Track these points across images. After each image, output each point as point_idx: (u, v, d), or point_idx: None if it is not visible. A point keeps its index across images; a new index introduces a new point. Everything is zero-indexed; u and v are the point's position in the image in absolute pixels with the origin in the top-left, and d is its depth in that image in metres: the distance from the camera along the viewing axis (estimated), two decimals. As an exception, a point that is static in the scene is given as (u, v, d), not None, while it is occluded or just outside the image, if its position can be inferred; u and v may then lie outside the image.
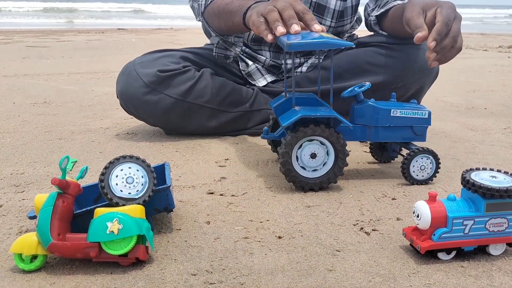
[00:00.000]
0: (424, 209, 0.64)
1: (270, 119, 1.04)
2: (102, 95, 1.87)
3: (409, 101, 0.98)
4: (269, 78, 1.35)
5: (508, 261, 0.65)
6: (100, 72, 2.51)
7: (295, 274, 0.61)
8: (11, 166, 1.03)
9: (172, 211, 0.74)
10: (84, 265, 0.63)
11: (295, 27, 0.85)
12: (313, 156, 0.87)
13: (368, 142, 1.06)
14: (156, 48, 1.36)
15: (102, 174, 0.65)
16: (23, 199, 0.85)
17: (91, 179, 0.94)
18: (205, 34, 1.31)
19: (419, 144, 1.02)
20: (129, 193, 0.66)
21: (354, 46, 0.85)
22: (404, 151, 1.05)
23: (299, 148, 0.87)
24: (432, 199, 0.64)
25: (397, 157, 1.07)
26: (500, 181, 0.63)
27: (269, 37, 0.88)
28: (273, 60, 1.34)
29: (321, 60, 1.34)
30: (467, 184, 0.64)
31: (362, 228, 0.74)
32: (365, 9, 1.28)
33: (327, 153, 0.88)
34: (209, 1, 1.18)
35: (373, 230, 0.74)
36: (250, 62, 1.35)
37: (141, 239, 0.63)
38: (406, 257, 0.66)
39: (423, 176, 0.93)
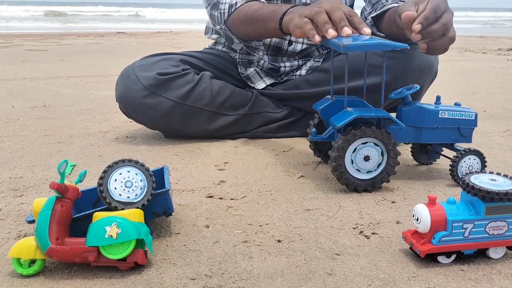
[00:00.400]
0: (423, 213, 0.63)
1: (315, 118, 1.05)
2: (102, 98, 1.87)
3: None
4: (268, 81, 1.35)
5: (508, 264, 0.65)
6: (99, 75, 2.51)
7: (295, 278, 0.61)
8: (10, 170, 1.03)
9: (171, 215, 0.73)
10: (83, 269, 0.63)
11: (347, 30, 0.85)
12: (367, 158, 0.88)
13: (410, 144, 1.07)
14: (156, 52, 1.36)
15: (101, 178, 0.65)
16: (21, 203, 0.84)
17: (90, 182, 0.94)
18: (225, 40, 1.33)
19: (464, 145, 1.03)
20: (128, 197, 0.66)
21: (408, 47, 0.85)
22: (447, 152, 1.05)
23: (353, 151, 0.88)
24: (431, 202, 0.64)
25: (438, 158, 1.07)
26: (499, 184, 0.63)
27: (317, 38, 0.87)
28: (271, 64, 1.34)
29: (320, 63, 1.33)
30: (467, 187, 0.64)
31: (361, 232, 0.74)
32: (362, 13, 1.28)
33: (381, 154, 0.89)
34: (233, 9, 1.18)
35: (372, 233, 0.74)
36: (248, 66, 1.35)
37: (140, 243, 0.63)
38: (406, 260, 0.66)
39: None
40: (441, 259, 0.65)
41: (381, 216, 0.80)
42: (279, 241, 0.71)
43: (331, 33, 0.86)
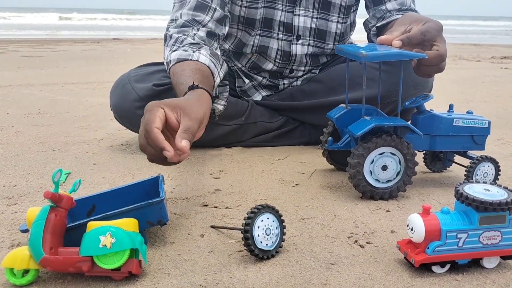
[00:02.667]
0: (418, 222, 0.64)
1: (329, 126, 1.05)
2: (97, 105, 1.87)
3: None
4: (264, 93, 1.35)
5: (502, 274, 0.65)
6: (94, 82, 2.50)
7: (289, 288, 0.61)
8: (4, 178, 1.02)
9: (166, 224, 0.73)
10: (76, 279, 0.62)
11: (169, 154, 0.71)
12: (384, 168, 0.89)
13: (423, 152, 1.08)
14: (151, 58, 1.36)
15: (247, 224, 0.66)
16: (15, 212, 0.84)
17: (85, 191, 0.94)
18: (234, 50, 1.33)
19: (477, 152, 1.04)
20: (267, 245, 0.68)
21: (426, 57, 0.86)
22: (460, 159, 1.06)
23: (371, 162, 0.88)
24: (426, 212, 0.64)
25: (450, 166, 1.08)
26: (493, 194, 0.64)
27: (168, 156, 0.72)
28: (270, 80, 1.34)
29: (317, 73, 1.34)
30: (461, 197, 0.64)
31: (356, 241, 0.74)
32: (366, 25, 1.28)
33: (399, 163, 0.90)
34: (168, 68, 1.05)
35: (367, 243, 0.74)
36: (247, 80, 1.35)
37: (134, 253, 0.63)
38: (400, 270, 0.66)
39: (485, 182, 0.95)
40: (435, 269, 0.65)
41: (376, 225, 0.80)
42: (274, 250, 0.71)
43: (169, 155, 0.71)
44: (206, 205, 0.88)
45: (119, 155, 1.19)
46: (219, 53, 1.11)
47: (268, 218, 0.68)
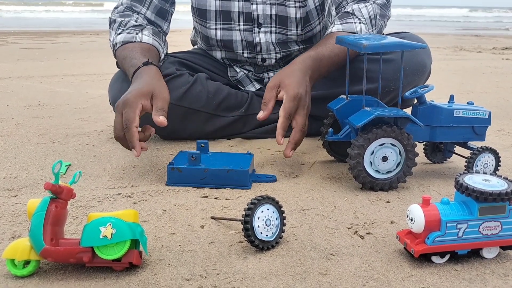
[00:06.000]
0: (418, 213, 0.64)
1: (329, 117, 1.05)
2: (97, 97, 1.86)
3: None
4: (257, 85, 1.35)
5: (501, 264, 0.65)
6: (94, 74, 2.50)
7: (289, 278, 0.61)
8: (4, 170, 1.02)
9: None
10: (77, 270, 0.63)
11: (135, 154, 0.91)
12: (385, 159, 0.89)
13: (423, 143, 1.08)
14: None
15: (247, 215, 0.66)
16: (16, 204, 0.84)
17: (85, 183, 0.94)
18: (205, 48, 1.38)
19: (478, 143, 1.04)
20: (267, 235, 0.68)
21: (426, 47, 0.86)
22: (461, 150, 1.06)
23: (371, 153, 0.88)
24: (426, 202, 0.65)
25: (451, 157, 1.08)
26: (493, 185, 0.64)
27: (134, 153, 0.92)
28: (255, 75, 1.34)
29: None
30: (461, 187, 0.64)
31: (356, 232, 0.74)
32: (328, 12, 1.27)
33: (399, 154, 0.90)
34: (114, 50, 1.20)
35: (367, 233, 0.74)
36: (238, 69, 1.35)
37: (134, 243, 0.63)
38: (400, 260, 0.66)
39: (485, 173, 0.95)
40: (435, 259, 0.65)
41: (376, 216, 0.80)
42: (274, 241, 0.71)
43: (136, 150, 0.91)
44: (207, 197, 0.88)
45: (119, 147, 1.19)
46: (162, 35, 1.22)
47: (268, 209, 0.68)
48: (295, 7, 1.23)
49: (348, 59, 0.99)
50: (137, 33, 1.16)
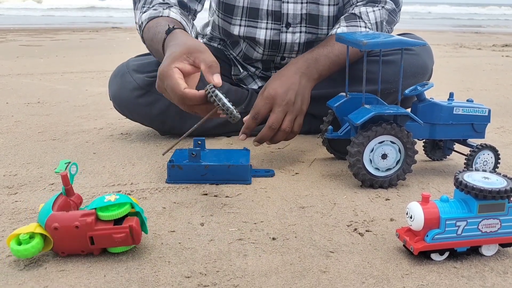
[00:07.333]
0: (417, 210, 0.64)
1: (329, 115, 1.05)
2: (96, 95, 1.86)
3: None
4: (260, 83, 1.34)
5: (500, 261, 0.66)
6: (94, 71, 2.50)
7: (289, 275, 0.61)
8: (4, 167, 1.02)
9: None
10: (78, 268, 0.63)
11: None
12: (384, 156, 0.89)
13: (423, 140, 1.08)
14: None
15: (214, 93, 0.78)
16: (16, 201, 0.84)
17: (84, 180, 0.94)
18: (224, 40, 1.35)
19: (477, 141, 1.04)
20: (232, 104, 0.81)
21: (426, 44, 0.87)
22: (460, 148, 1.06)
23: (371, 151, 0.88)
24: (425, 200, 0.65)
25: (450, 154, 1.08)
26: (492, 182, 0.64)
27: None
28: (263, 72, 1.34)
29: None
30: (460, 185, 0.64)
31: (355, 229, 0.75)
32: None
33: (398, 151, 0.90)
34: (141, 31, 1.11)
35: (366, 231, 0.74)
36: (242, 69, 1.34)
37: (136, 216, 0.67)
38: (399, 258, 0.66)
39: (484, 170, 0.95)
40: (434, 256, 0.65)
41: (375, 214, 0.81)
42: (273, 238, 0.71)
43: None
44: (206, 194, 0.88)
45: (119, 144, 1.19)
46: (190, 17, 1.15)
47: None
48: (329, 4, 1.21)
49: (348, 58, 0.99)
50: (163, 9, 1.07)
